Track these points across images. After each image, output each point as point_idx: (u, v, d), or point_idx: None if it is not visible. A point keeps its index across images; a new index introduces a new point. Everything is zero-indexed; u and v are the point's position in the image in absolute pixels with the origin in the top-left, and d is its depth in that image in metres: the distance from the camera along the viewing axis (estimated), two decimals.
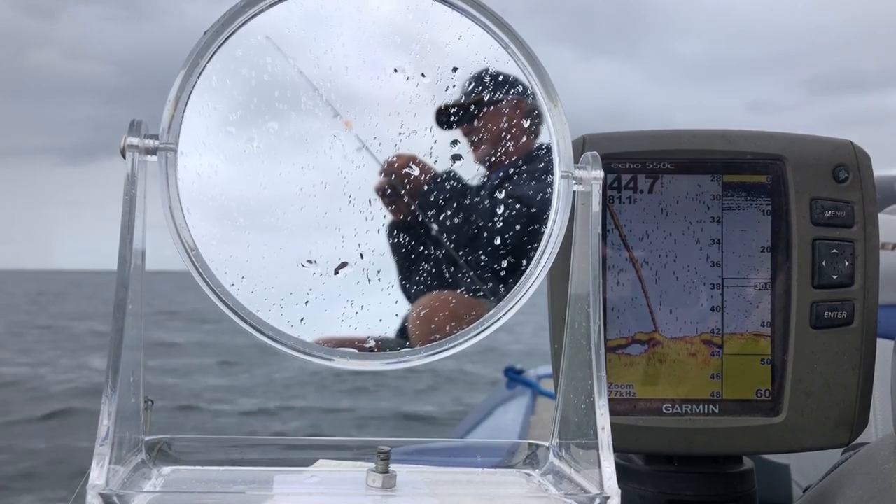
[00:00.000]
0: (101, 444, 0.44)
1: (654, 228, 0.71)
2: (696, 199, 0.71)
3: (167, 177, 0.49)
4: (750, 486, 0.74)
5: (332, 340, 0.51)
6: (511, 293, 0.53)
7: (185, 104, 0.49)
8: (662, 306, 0.71)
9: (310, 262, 0.52)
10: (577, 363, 0.53)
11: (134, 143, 0.48)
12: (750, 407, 0.70)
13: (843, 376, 0.69)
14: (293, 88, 0.52)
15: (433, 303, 0.53)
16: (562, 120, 0.53)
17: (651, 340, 0.71)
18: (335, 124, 0.52)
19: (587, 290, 0.52)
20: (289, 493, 0.51)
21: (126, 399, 0.48)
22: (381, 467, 0.50)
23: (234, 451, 0.56)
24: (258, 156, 0.52)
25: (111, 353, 0.46)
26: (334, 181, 0.52)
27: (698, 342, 0.71)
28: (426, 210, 0.54)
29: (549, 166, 0.53)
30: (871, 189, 0.70)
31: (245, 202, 0.52)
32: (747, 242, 0.71)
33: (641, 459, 0.75)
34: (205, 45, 0.50)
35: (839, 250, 0.69)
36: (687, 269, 0.71)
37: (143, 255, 0.49)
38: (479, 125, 0.54)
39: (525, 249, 0.53)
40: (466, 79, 0.54)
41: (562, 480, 0.53)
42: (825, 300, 0.69)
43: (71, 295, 43.71)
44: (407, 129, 0.53)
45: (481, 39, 0.53)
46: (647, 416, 0.70)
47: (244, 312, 0.50)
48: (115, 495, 0.43)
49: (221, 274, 0.50)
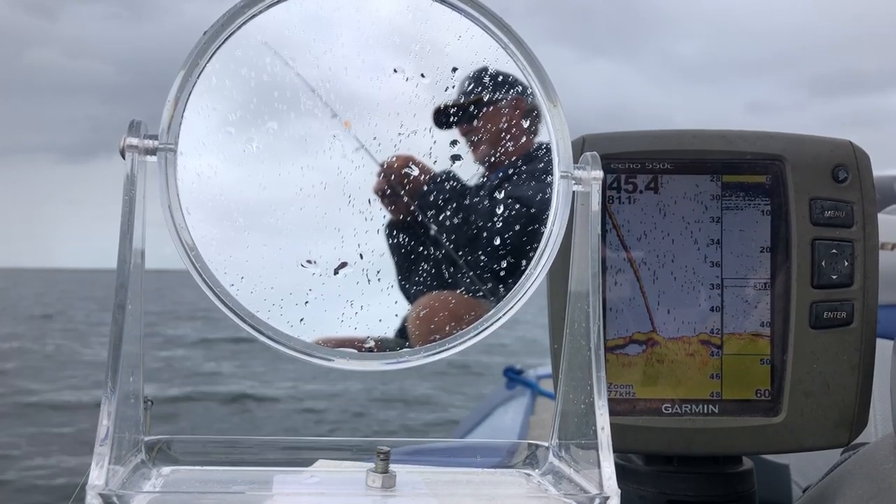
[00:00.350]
0: (100, 445, 0.44)
1: (653, 228, 0.71)
2: (695, 199, 0.71)
3: (167, 177, 0.49)
4: (749, 486, 0.74)
5: (331, 341, 0.51)
6: (511, 293, 0.53)
7: (184, 104, 0.49)
8: (661, 306, 0.71)
9: (309, 263, 0.52)
10: (576, 363, 0.53)
11: (133, 143, 0.48)
12: (749, 407, 0.70)
13: (843, 376, 0.69)
14: (292, 89, 0.52)
15: (433, 303, 0.53)
16: (561, 120, 0.53)
17: (649, 340, 0.71)
18: (334, 125, 0.52)
19: (586, 290, 0.52)
20: (288, 493, 0.51)
21: (126, 399, 0.48)
22: (380, 467, 0.50)
23: (233, 452, 0.56)
24: (258, 156, 0.52)
25: (111, 352, 0.46)
26: (334, 182, 0.52)
27: (697, 342, 0.71)
28: (425, 210, 0.54)
29: (549, 166, 0.53)
30: (870, 189, 0.70)
31: (244, 202, 0.52)
32: (746, 242, 0.71)
33: (641, 459, 0.75)
34: (204, 45, 0.50)
35: (839, 250, 0.69)
36: (686, 270, 0.71)
37: (142, 255, 0.49)
38: (478, 125, 0.54)
39: (524, 249, 0.53)
40: (465, 79, 0.54)
41: (561, 480, 0.53)
42: (824, 300, 0.69)
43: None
44: (406, 130, 0.53)
45: (481, 40, 0.53)
46: (647, 417, 0.70)
47: (244, 313, 0.50)
48: (115, 495, 0.43)
49: (221, 274, 0.50)
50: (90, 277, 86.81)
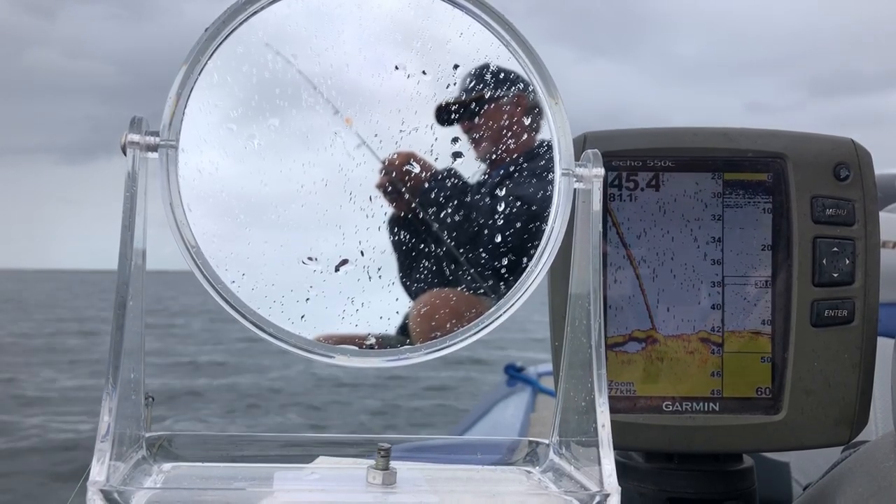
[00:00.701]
0: (101, 441, 0.44)
1: (654, 226, 0.71)
2: (696, 197, 0.71)
3: (168, 174, 0.49)
4: (750, 483, 0.74)
5: (332, 337, 0.52)
6: (512, 291, 0.53)
7: (185, 101, 0.49)
8: (661, 304, 0.71)
9: (310, 260, 0.52)
10: (577, 361, 0.53)
11: (135, 139, 0.48)
12: (750, 405, 0.70)
13: (844, 374, 0.69)
14: (294, 85, 0.52)
15: (434, 300, 0.53)
16: (563, 117, 0.53)
17: (649, 338, 0.71)
18: (336, 121, 0.52)
19: (588, 288, 0.52)
20: (289, 489, 0.51)
21: (127, 396, 0.48)
22: (381, 464, 0.50)
23: (234, 448, 0.56)
24: (259, 153, 0.52)
25: (112, 349, 0.46)
26: (335, 178, 0.52)
27: (697, 340, 0.71)
28: (427, 207, 0.54)
29: (550, 164, 0.53)
30: (871, 187, 0.70)
31: (246, 199, 0.52)
32: (748, 240, 0.71)
33: (641, 457, 0.75)
34: (206, 42, 0.50)
35: (840, 248, 0.69)
36: (687, 267, 0.71)
37: (143, 253, 0.49)
38: (479, 122, 0.54)
39: (526, 247, 0.53)
40: (467, 76, 0.54)
41: (562, 478, 0.53)
42: (826, 298, 0.69)
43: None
44: (408, 127, 0.53)
45: (482, 36, 0.53)
46: (648, 414, 0.70)
47: (245, 310, 0.50)
48: (116, 491, 0.44)
49: (222, 271, 0.50)
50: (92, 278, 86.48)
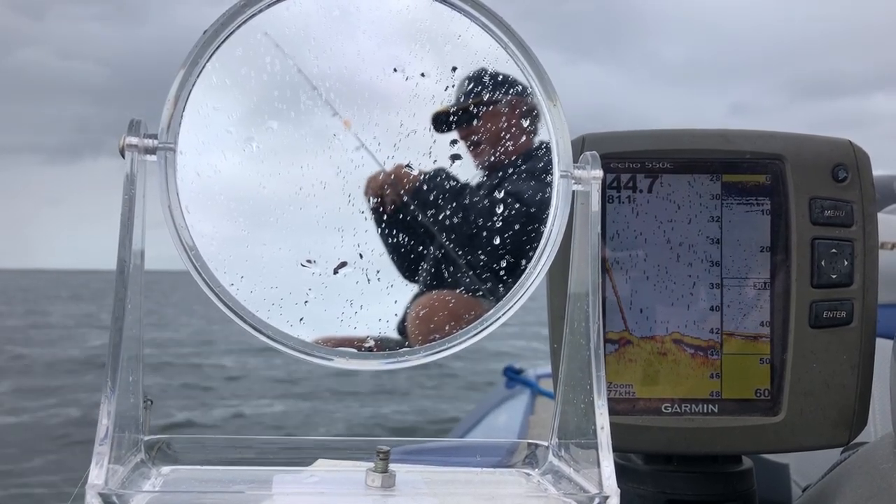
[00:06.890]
0: (100, 444, 0.44)
1: (653, 228, 0.71)
2: (695, 198, 0.71)
3: (166, 176, 0.49)
4: (749, 485, 0.74)
5: (331, 340, 0.51)
6: (510, 293, 0.53)
7: (184, 104, 0.49)
8: (660, 305, 0.71)
9: (309, 262, 0.52)
10: (576, 363, 0.53)
11: (133, 142, 0.48)
12: (749, 406, 0.70)
13: (842, 376, 0.69)
14: (292, 88, 0.52)
15: (432, 302, 0.53)
16: (561, 119, 0.53)
17: (649, 338, 0.71)
18: (334, 124, 0.52)
19: (586, 289, 0.52)
20: (288, 492, 0.51)
21: (125, 398, 0.48)
22: (380, 467, 0.50)
23: (233, 451, 0.56)
24: (257, 155, 0.52)
25: (110, 352, 0.46)
26: (333, 181, 0.52)
27: (697, 342, 0.71)
28: (425, 210, 0.54)
29: (549, 166, 0.53)
30: (870, 188, 0.70)
31: (244, 202, 0.51)
32: (746, 242, 0.71)
33: (641, 459, 0.75)
34: (204, 44, 0.50)
35: (838, 250, 0.69)
36: (686, 269, 0.71)
37: (142, 255, 0.49)
38: (478, 125, 0.54)
39: (524, 249, 0.53)
40: (465, 78, 0.54)
41: (561, 480, 0.53)
42: (824, 300, 0.69)
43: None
44: (406, 129, 0.53)
45: (480, 39, 0.53)
46: (647, 416, 0.70)
47: (244, 312, 0.50)
48: (115, 495, 0.43)
49: (221, 274, 0.50)
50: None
